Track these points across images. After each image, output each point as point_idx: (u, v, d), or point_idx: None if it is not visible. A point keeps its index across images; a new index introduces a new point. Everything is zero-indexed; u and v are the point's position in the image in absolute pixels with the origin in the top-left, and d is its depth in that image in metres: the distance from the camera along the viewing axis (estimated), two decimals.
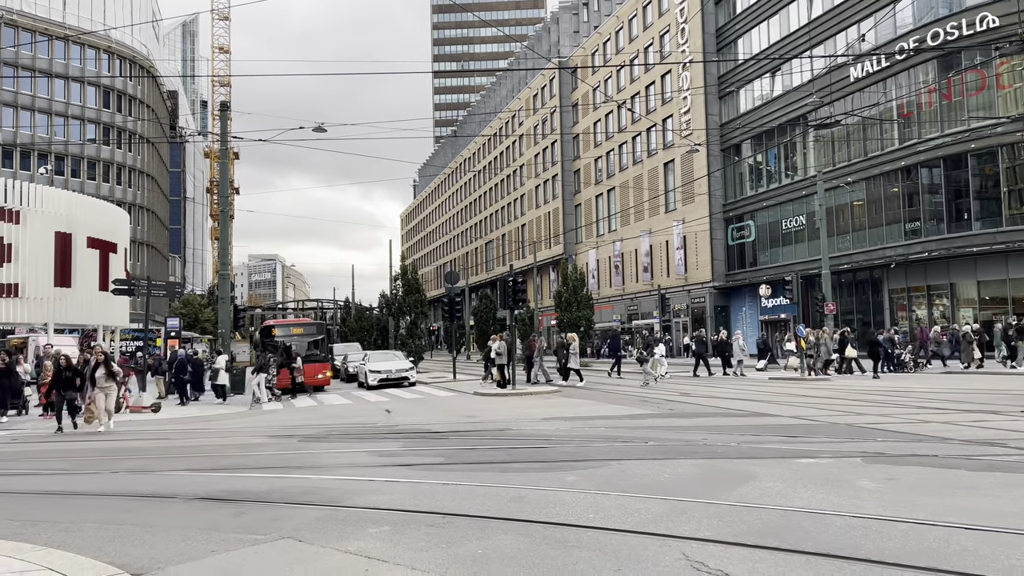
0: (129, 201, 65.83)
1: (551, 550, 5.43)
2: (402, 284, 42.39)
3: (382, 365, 27.50)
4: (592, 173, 61.10)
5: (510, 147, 77.45)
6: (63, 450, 12.65)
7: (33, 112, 62.09)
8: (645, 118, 51.22)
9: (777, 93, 42.15)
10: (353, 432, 13.96)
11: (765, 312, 42.62)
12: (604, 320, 54.69)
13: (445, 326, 44.52)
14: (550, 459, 9.73)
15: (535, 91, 70.65)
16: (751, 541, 5.40)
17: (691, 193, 46.87)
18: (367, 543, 5.78)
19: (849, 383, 21.84)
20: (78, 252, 28.21)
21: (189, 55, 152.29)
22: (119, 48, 66.94)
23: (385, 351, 33.07)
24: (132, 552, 5.74)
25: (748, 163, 45.32)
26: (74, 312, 28.48)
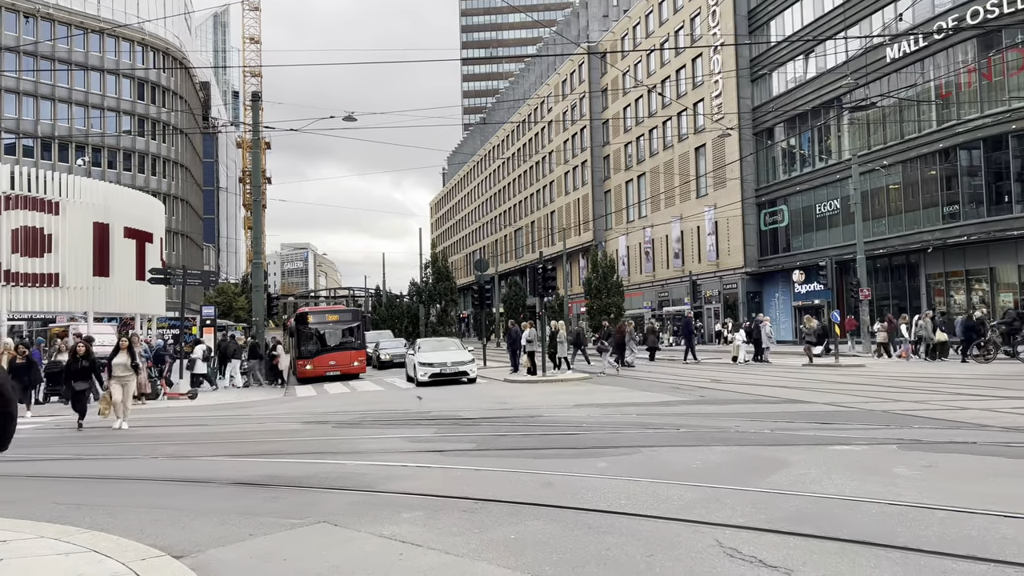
0: (164, 191, 66.84)
1: (583, 535, 5.45)
2: (432, 272, 42.69)
3: (436, 356, 22.58)
4: (622, 159, 60.69)
5: (539, 133, 77.17)
6: (103, 436, 12.94)
7: (70, 105, 63.19)
8: (676, 102, 50.71)
9: (811, 75, 41.45)
10: (386, 418, 14.11)
11: (798, 298, 42.12)
12: (634, 307, 54.45)
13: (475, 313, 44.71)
14: (581, 445, 9.75)
15: (564, 77, 70.25)
16: (785, 528, 5.38)
17: (723, 178, 46.37)
18: (401, 528, 5.85)
19: (888, 369, 21.54)
20: (115, 242, 28.72)
21: (220, 46, 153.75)
22: (152, 40, 67.80)
23: (439, 338, 28.05)
24: (172, 535, 5.88)
25: (781, 147, 44.69)
26: (112, 301, 29.03)
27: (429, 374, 21.81)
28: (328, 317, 28.82)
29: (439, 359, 22.28)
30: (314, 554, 5.28)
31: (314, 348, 27.01)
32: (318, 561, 5.10)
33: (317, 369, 26.44)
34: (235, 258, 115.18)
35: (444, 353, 23.01)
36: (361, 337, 28.84)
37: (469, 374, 22.24)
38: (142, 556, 5.11)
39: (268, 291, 31.27)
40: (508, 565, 4.87)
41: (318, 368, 26.47)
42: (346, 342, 27.66)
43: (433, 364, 21.99)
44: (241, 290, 77.05)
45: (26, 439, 13.05)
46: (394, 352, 33.77)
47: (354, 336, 28.09)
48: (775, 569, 4.57)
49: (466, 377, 22.20)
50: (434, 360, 22.19)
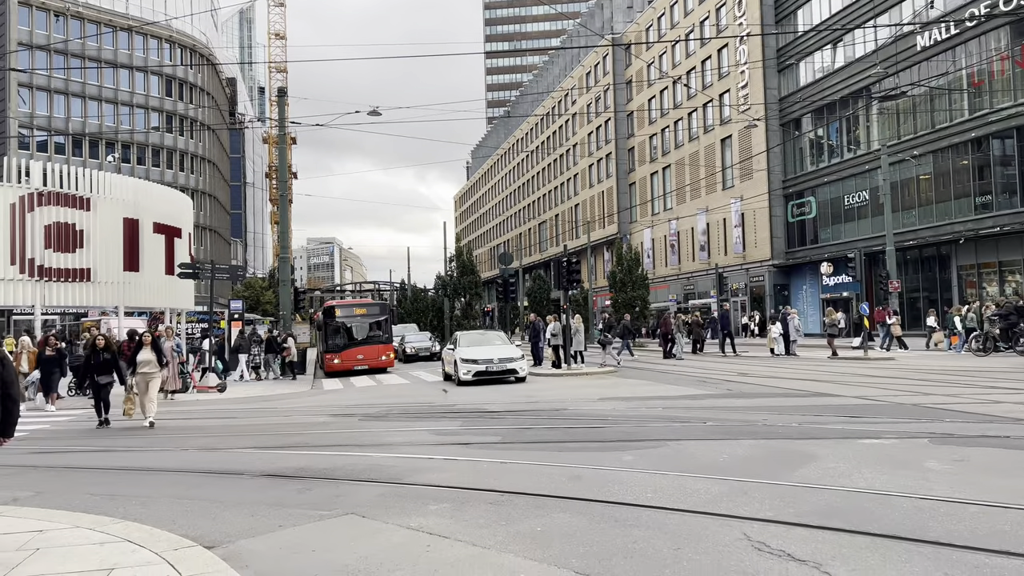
0: (192, 187, 67.65)
1: (610, 528, 5.45)
2: (457, 266, 42.75)
3: (480, 352, 19.79)
4: (647, 151, 60.33)
5: (563, 126, 76.93)
6: (133, 428, 13.14)
7: (100, 102, 64.11)
8: (701, 93, 50.28)
9: (839, 65, 40.88)
10: (411, 411, 14.19)
11: (826, 290, 41.65)
12: (660, 300, 54.19)
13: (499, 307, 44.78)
14: (607, 439, 9.73)
15: (588, 69, 69.93)
16: (814, 522, 5.33)
17: (749, 169, 45.94)
18: (428, 519, 5.89)
19: (918, 362, 21.25)
20: (145, 237, 29.08)
21: (246, 42, 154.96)
22: (180, 37, 68.55)
23: (482, 331, 25.64)
24: (204, 526, 5.97)
25: (808, 138, 44.16)
26: (142, 296, 29.41)
27: (473, 372, 19.15)
28: (356, 311, 28.40)
29: (484, 355, 19.53)
30: (343, 545, 5.33)
31: (342, 342, 26.82)
32: (347, 552, 5.15)
33: (345, 363, 26.27)
34: (262, 252, 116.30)
35: (489, 348, 20.16)
36: (389, 331, 28.35)
37: (518, 372, 19.47)
38: (175, 546, 5.19)
39: (295, 285, 31.53)
40: (535, 557, 4.88)
41: (346, 362, 26.31)
42: (374, 336, 27.31)
43: (477, 361, 19.30)
44: (268, 284, 77.79)
45: (56, 431, 13.32)
46: (419, 346, 33.89)
47: (382, 330, 27.68)
48: (804, 563, 4.54)
49: (515, 376, 19.47)
50: (478, 356, 19.47)
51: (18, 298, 25.67)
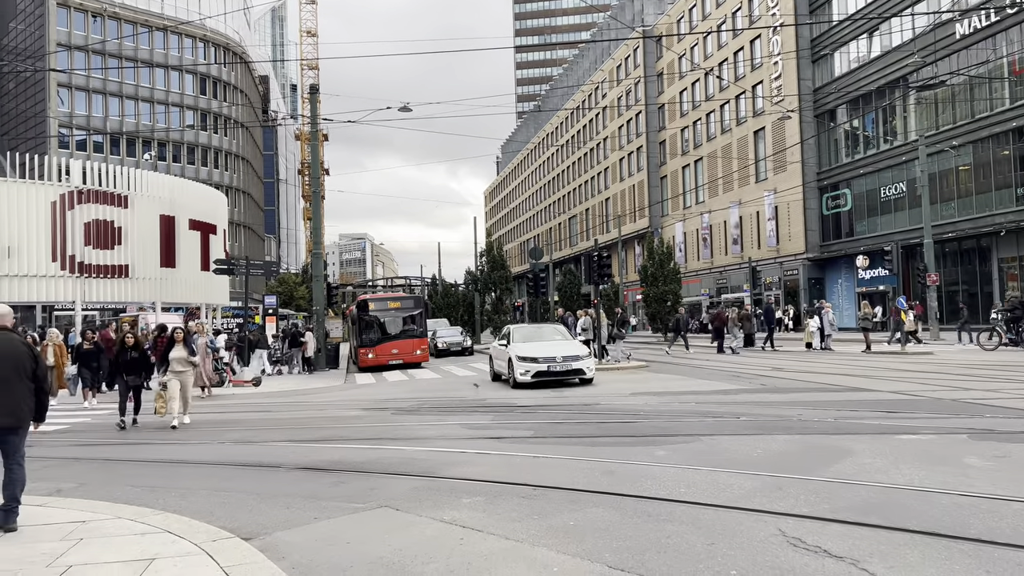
0: (226, 184, 68.55)
1: (643, 523, 5.44)
2: (487, 261, 42.81)
3: (540, 349, 17.22)
4: (678, 144, 59.85)
5: (593, 120, 76.59)
6: (165, 426, 13.36)
7: (136, 101, 65.20)
8: (734, 85, 49.72)
9: (875, 54, 40.16)
10: (443, 405, 14.26)
11: (862, 284, 41.02)
12: (692, 294, 53.77)
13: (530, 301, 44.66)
14: (639, 434, 9.70)
15: (619, 62, 69.49)
16: (851, 518, 5.27)
17: (783, 162, 45.36)
18: (461, 513, 5.93)
19: (957, 357, 20.84)
20: (181, 234, 29.59)
21: (278, 40, 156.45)
22: (213, 36, 69.42)
23: (538, 325, 22.24)
24: (241, 517, 6.07)
25: (844, 129, 43.47)
26: (179, 291, 29.95)
27: (532, 372, 16.59)
28: (390, 304, 28.12)
29: (544, 352, 16.92)
30: (377, 538, 5.39)
31: (375, 336, 26.73)
32: (381, 544, 5.21)
33: (379, 358, 26.18)
34: (295, 248, 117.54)
35: (549, 344, 17.67)
36: (423, 325, 28.05)
37: (585, 372, 16.82)
38: (213, 537, 5.29)
39: (327, 281, 31.80)
40: (568, 551, 4.89)
41: (380, 357, 26.21)
42: (408, 330, 27.12)
43: (537, 359, 16.68)
44: (301, 280, 78.59)
45: (97, 425, 13.60)
46: (451, 340, 34.02)
47: (416, 324, 27.43)
48: (841, 560, 4.49)
49: (580, 377, 16.89)
50: (538, 354, 16.83)
51: (59, 294, 26.28)
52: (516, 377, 16.79)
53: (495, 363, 19.30)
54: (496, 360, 19.14)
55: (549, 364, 16.61)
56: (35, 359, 5.94)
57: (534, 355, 16.78)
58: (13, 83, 66.36)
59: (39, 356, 6.09)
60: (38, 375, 5.91)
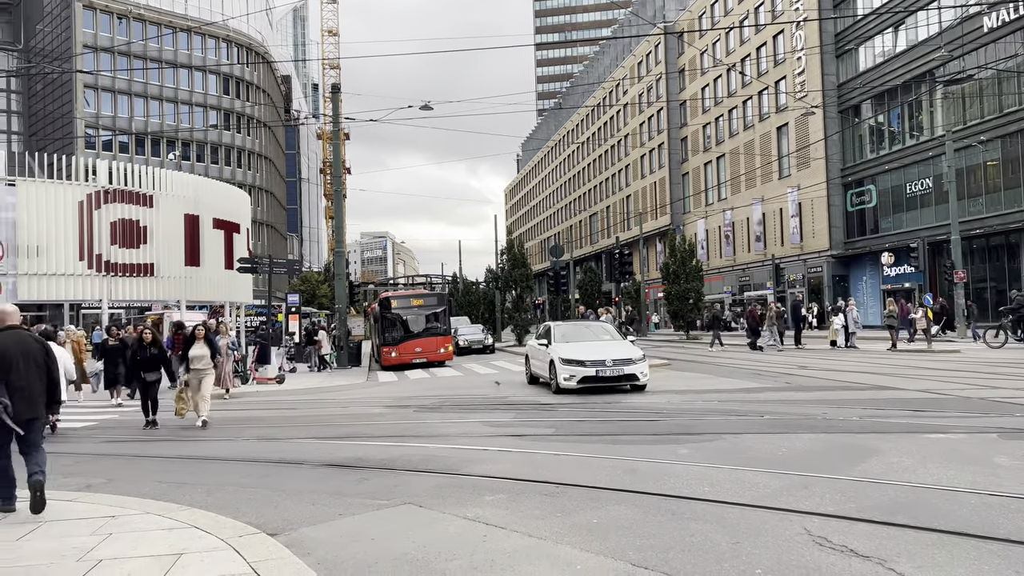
0: (249, 183, 69.14)
1: (666, 521, 5.43)
2: (508, 258, 42.78)
3: (587, 350, 15.12)
4: (700, 140, 59.49)
5: (614, 117, 76.32)
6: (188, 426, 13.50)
7: (161, 101, 65.95)
8: (756, 81, 49.32)
9: (900, 48, 39.65)
10: (465, 403, 14.30)
11: (888, 281, 40.55)
12: (714, 292, 53.43)
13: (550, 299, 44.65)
14: (661, 432, 9.67)
15: (640, 58, 69.18)
16: (878, 517, 5.23)
17: (806, 158, 44.95)
18: (484, 510, 5.95)
19: (984, 355, 20.55)
20: (205, 233, 29.83)
21: (300, 40, 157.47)
22: (236, 36, 70.03)
23: (584, 323, 21.03)
24: (266, 513, 6.13)
25: (868, 124, 42.97)
26: (203, 290, 30.19)
27: (580, 377, 14.53)
28: (413, 302, 27.82)
29: (593, 354, 14.82)
30: (401, 534, 5.42)
31: (398, 334, 26.57)
32: (405, 541, 5.24)
33: (402, 356, 26.00)
34: (317, 247, 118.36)
35: (597, 345, 15.60)
36: (447, 322, 27.72)
37: (638, 378, 14.58)
38: (239, 533, 5.35)
39: (350, 279, 31.97)
40: (591, 549, 4.89)
41: (403, 355, 26.03)
42: (432, 328, 26.86)
43: (584, 362, 14.58)
44: (324, 278, 79.13)
45: (124, 421, 13.77)
46: (472, 338, 34.08)
47: (440, 321, 27.15)
48: (868, 559, 4.46)
49: (633, 383, 14.71)
50: (585, 355, 14.75)
51: (86, 292, 26.63)
52: (559, 382, 14.79)
53: (532, 364, 17.51)
54: (534, 361, 17.36)
55: (598, 368, 14.45)
56: (47, 354, 6.46)
57: (580, 357, 14.72)
58: (41, 84, 67.40)
59: (51, 351, 6.59)
60: (51, 369, 6.42)
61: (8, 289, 24.42)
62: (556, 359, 15.09)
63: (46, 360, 6.39)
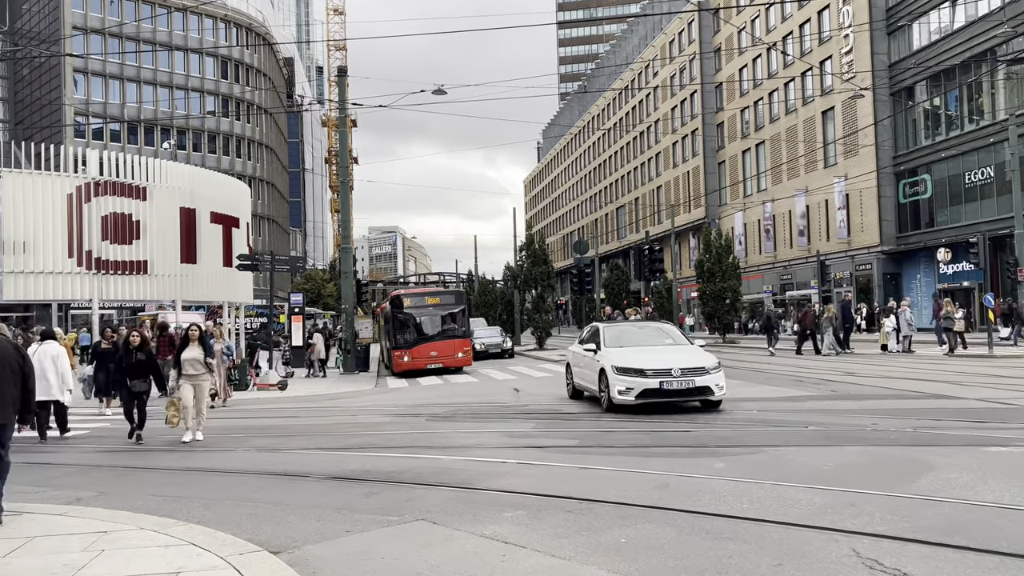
0: (249, 174, 69.65)
1: (702, 541, 5.41)
2: (527, 255, 42.79)
3: (647, 357, 13.22)
4: (737, 126, 59.19)
5: (643, 101, 76.13)
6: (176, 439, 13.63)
7: (155, 86, 66.59)
8: (799, 61, 49.00)
9: (959, 25, 39.24)
10: (481, 411, 14.34)
11: (944, 279, 40.16)
12: (753, 291, 53.14)
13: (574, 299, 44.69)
14: (696, 444, 9.65)
15: (671, 37, 68.94)
16: (933, 538, 5.19)
17: (855, 145, 44.60)
18: (503, 527, 5.96)
19: None
20: (202, 228, 30.05)
21: (303, 19, 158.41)
22: (235, 16, 70.55)
23: (639, 323, 19.42)
24: (268, 530, 6.18)
25: (923, 108, 42.57)
26: (200, 289, 30.41)
27: (639, 390, 12.52)
28: (428, 300, 27.31)
29: (654, 361, 12.83)
30: (413, 553, 5.44)
31: (411, 337, 25.89)
32: (417, 560, 5.26)
33: (416, 361, 25.41)
34: (322, 243, 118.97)
35: (659, 351, 13.77)
36: (466, 324, 27.23)
37: (713, 392, 12.65)
38: (240, 551, 5.40)
39: (357, 277, 32.12)
40: (619, 571, 4.89)
41: (417, 360, 25.42)
42: (448, 330, 26.24)
43: (645, 371, 12.56)
44: (329, 276, 79.60)
45: (116, 429, 13.88)
46: (490, 342, 34.06)
47: (457, 323, 26.56)
48: None
49: (705, 398, 12.89)
50: (646, 364, 12.74)
51: (76, 292, 26.88)
52: (613, 396, 12.82)
53: (575, 374, 15.72)
54: (577, 369, 15.57)
55: (662, 380, 12.40)
56: (23, 358, 6.68)
57: (640, 365, 12.69)
58: (27, 69, 68.26)
59: (27, 355, 6.84)
60: (26, 373, 6.62)
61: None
62: (608, 368, 13.12)
63: (22, 366, 6.59)
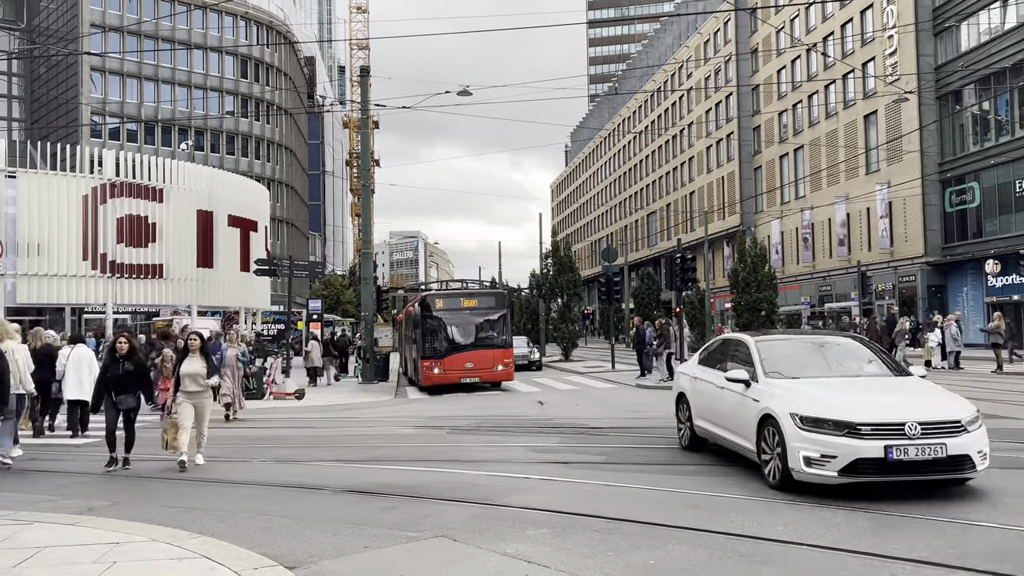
0: (268, 176, 70.31)
1: (735, 565, 5.38)
2: (553, 262, 42.79)
3: (854, 400, 7.96)
4: (775, 130, 58.88)
5: (676, 103, 75.95)
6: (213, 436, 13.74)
7: (173, 85, 67.47)
8: (841, 63, 48.68)
9: (1010, 25, 38.81)
10: (504, 425, 14.33)
11: (992, 293, 39.64)
12: (789, 303, 52.74)
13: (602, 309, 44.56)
14: (728, 462, 9.57)
15: (706, 37, 68.78)
16: (981, 566, 5.12)
17: (898, 151, 44.19)
18: (526, 546, 5.96)
19: None
20: (219, 231, 30.42)
21: (326, 18, 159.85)
22: (256, 14, 71.35)
23: (816, 338, 10.99)
24: (284, 544, 6.22)
25: (971, 112, 42.10)
26: (216, 294, 30.77)
27: (847, 461, 7.36)
28: (463, 302, 24.36)
29: (869, 409, 7.78)
30: (432, 571, 5.46)
31: (443, 345, 23.25)
32: None
33: (448, 374, 22.89)
34: (342, 248, 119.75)
35: (869, 389, 8.76)
36: (508, 331, 24.54)
37: (974, 465, 7.46)
38: (254, 565, 5.44)
39: (377, 284, 32.28)
40: None
41: (449, 373, 22.87)
42: (487, 337, 23.65)
43: (857, 427, 7.48)
44: (349, 282, 79.98)
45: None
46: (516, 352, 33.94)
47: (497, 330, 24.00)
48: None
49: (961, 474, 7.60)
50: (857, 413, 7.64)
51: (90, 296, 27.27)
52: (794, 467, 7.64)
53: (699, 410, 10.29)
54: (704, 403, 10.16)
55: (890, 444, 7.31)
56: None
57: (845, 416, 7.61)
58: (44, 67, 69.44)
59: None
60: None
61: (7, 291, 25.12)
62: (781, 415, 7.89)
63: None
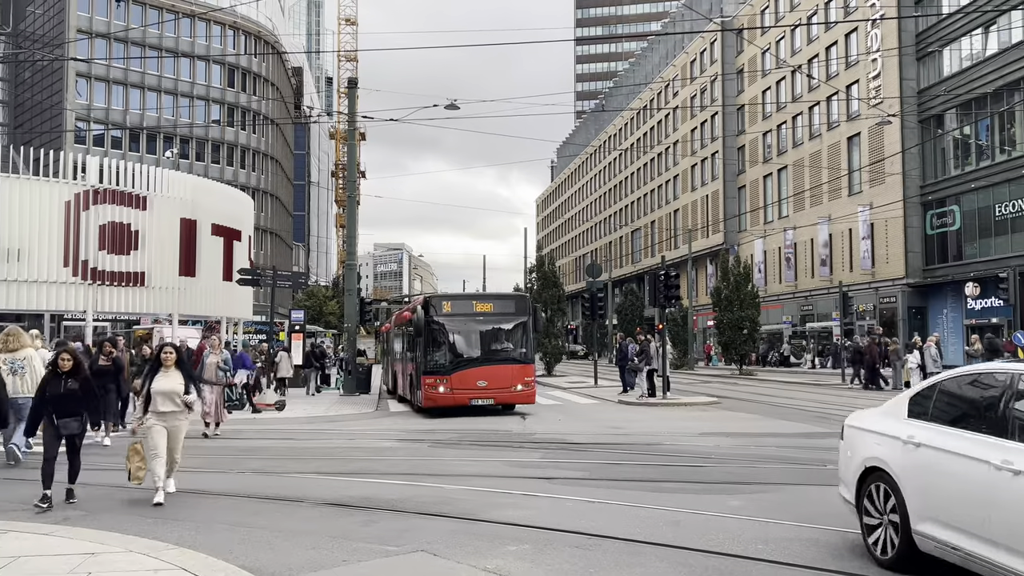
0: (253, 186, 70.02)
1: None
2: (537, 277, 42.85)
3: None
4: (759, 150, 59.30)
5: (662, 121, 76.39)
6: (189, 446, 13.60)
7: (159, 93, 67.24)
8: (825, 84, 49.13)
9: (991, 51, 39.31)
10: (485, 439, 14.29)
11: (971, 315, 39.97)
12: (771, 321, 52.99)
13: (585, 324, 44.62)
14: (710, 480, 9.59)
15: (693, 56, 69.30)
16: None
17: (881, 173, 44.57)
18: (506, 561, 5.92)
19: None
20: (202, 240, 30.20)
21: (314, 28, 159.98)
22: (244, 24, 71.27)
23: None
24: (262, 557, 6.15)
25: (952, 136, 42.56)
26: (198, 303, 30.51)
27: None
28: (476, 306, 20.28)
29: None
30: None
31: (449, 358, 19.07)
32: None
33: (456, 394, 18.64)
34: (326, 259, 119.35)
35: None
36: (529, 344, 20.16)
37: None
38: None
39: (361, 295, 32.19)
40: None
41: (458, 392, 18.64)
42: (503, 350, 19.40)
43: None
44: (332, 294, 79.69)
45: (110, 448, 13.92)
46: None
47: (516, 341, 19.67)
48: None
49: None
50: None
51: (70, 302, 27.01)
52: None
53: (926, 506, 5.33)
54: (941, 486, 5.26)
55: None
56: None
57: None
58: (29, 72, 69.03)
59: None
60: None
61: None
62: None
63: None
